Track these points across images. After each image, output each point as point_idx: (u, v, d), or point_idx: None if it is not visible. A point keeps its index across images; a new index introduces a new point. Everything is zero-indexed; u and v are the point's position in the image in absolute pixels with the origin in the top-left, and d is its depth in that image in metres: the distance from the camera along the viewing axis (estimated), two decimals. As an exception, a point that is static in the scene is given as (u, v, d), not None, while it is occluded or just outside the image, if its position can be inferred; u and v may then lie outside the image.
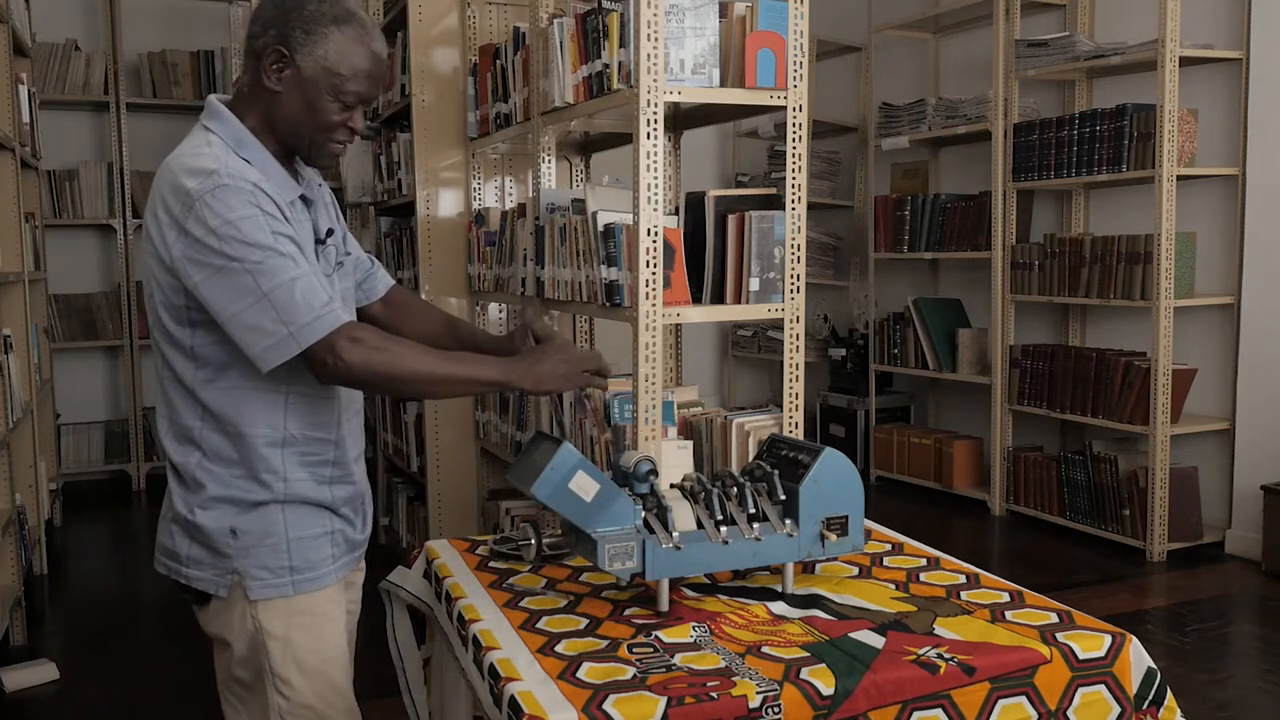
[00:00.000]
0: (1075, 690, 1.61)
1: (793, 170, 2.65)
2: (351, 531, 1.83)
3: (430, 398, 1.77)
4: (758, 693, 1.47)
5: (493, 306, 4.12)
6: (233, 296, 1.59)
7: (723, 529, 1.77)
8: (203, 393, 1.68)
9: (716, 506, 1.79)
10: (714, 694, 1.46)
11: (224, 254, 1.58)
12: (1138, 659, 1.66)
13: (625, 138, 3.47)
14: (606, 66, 2.69)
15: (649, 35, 2.47)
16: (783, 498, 1.81)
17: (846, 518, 1.84)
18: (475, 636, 1.69)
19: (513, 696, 1.46)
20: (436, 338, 2.06)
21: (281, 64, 1.68)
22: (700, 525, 1.77)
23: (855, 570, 1.98)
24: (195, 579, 1.73)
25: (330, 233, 1.82)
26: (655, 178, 2.49)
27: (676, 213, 2.78)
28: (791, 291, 2.65)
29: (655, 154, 2.49)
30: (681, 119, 3.27)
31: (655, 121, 2.49)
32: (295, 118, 1.71)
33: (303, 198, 1.76)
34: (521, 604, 1.82)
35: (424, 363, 1.67)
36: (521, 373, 1.74)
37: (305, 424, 1.73)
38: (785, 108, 2.62)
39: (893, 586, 1.89)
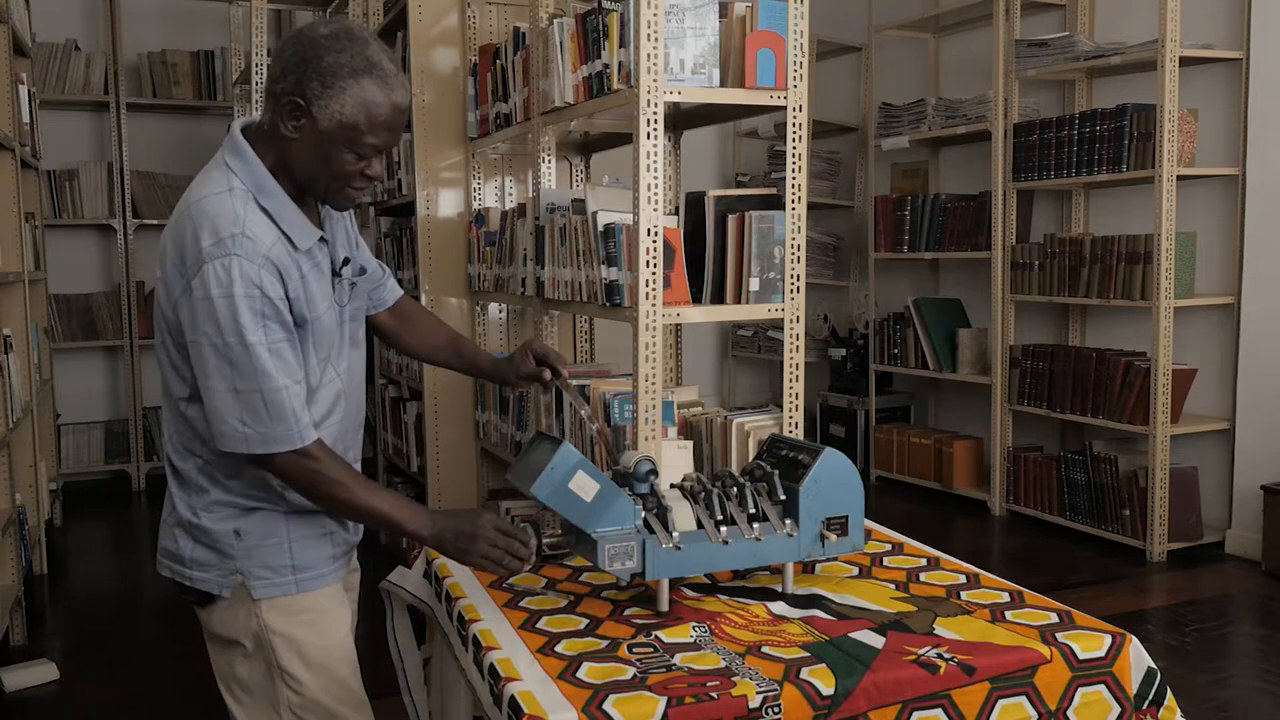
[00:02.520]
0: (1075, 690, 1.61)
1: (793, 170, 2.65)
2: (346, 534, 1.86)
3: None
4: (758, 693, 1.47)
5: (493, 306, 4.12)
6: (208, 372, 1.61)
7: (723, 529, 1.77)
8: (201, 425, 1.69)
9: (716, 506, 1.79)
10: (714, 694, 1.46)
11: (216, 324, 1.58)
12: (1138, 659, 1.66)
13: (625, 138, 3.47)
14: (606, 66, 2.69)
15: (649, 35, 2.47)
16: (783, 498, 1.81)
17: (846, 518, 1.84)
18: (475, 636, 1.69)
19: (513, 696, 1.46)
20: (437, 350, 2.10)
21: (298, 113, 1.64)
22: (700, 525, 1.77)
23: (855, 570, 1.98)
24: (199, 580, 1.74)
25: (346, 262, 1.82)
26: (655, 178, 2.49)
27: (676, 213, 2.78)
28: (791, 291, 2.65)
29: (655, 154, 2.49)
30: (681, 119, 3.27)
31: (655, 121, 2.49)
32: (310, 166, 1.67)
33: (321, 239, 1.75)
34: (521, 604, 1.82)
35: (351, 494, 1.68)
36: (432, 532, 1.71)
37: None
38: (785, 108, 2.62)
39: (893, 586, 1.89)
